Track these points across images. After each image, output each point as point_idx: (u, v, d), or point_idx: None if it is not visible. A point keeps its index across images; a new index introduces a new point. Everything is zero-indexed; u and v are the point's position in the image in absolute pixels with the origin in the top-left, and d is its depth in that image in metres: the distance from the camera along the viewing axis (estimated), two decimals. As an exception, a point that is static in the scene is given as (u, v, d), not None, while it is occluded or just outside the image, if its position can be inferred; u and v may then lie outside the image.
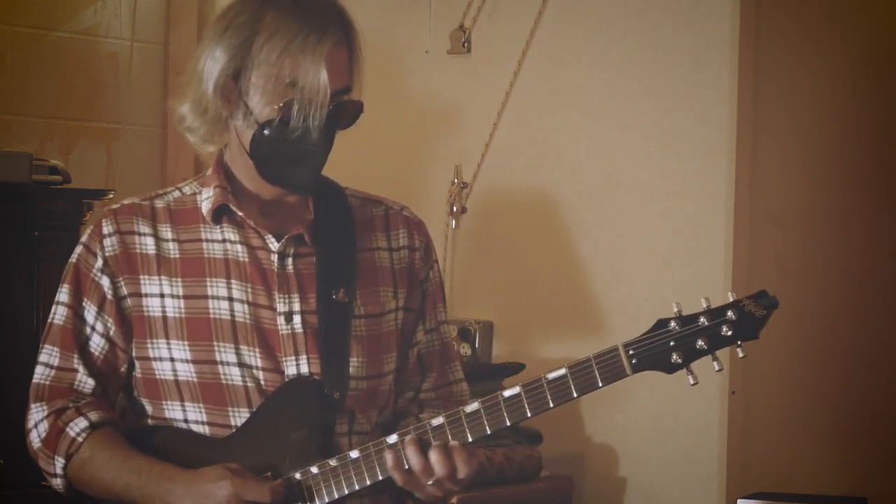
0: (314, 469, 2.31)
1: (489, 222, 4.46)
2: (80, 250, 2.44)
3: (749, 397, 4.15)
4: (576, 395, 2.24)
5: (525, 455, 4.08)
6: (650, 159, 4.18)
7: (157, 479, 2.32)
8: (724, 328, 2.20)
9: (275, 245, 2.39)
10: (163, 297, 2.39)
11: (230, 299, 2.37)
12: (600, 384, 2.23)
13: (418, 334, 2.50)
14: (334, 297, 2.39)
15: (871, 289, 4.12)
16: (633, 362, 2.22)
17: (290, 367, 2.36)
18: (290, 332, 2.37)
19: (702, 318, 2.21)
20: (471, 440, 2.27)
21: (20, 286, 3.79)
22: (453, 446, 2.26)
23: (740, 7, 4.07)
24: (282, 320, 2.37)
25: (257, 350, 2.36)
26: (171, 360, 2.37)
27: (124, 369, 2.43)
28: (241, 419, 2.35)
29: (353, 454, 2.31)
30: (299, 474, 2.32)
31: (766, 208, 4.18)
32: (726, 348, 2.22)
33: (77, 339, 2.41)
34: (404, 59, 4.55)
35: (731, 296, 2.22)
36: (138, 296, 2.40)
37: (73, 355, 2.41)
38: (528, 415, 2.25)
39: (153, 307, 2.39)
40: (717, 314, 2.21)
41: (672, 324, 2.22)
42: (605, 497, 4.24)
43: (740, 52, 4.07)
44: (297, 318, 2.37)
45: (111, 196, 3.94)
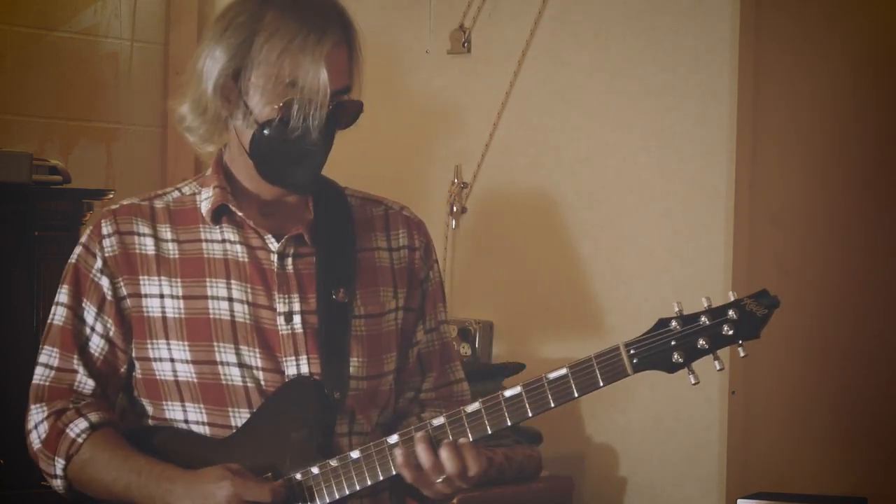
0: (315, 469, 2.31)
1: (489, 222, 4.46)
2: (80, 251, 2.43)
3: (749, 397, 4.15)
4: (577, 394, 2.24)
5: (525, 455, 4.07)
6: (650, 159, 4.18)
7: (158, 479, 2.32)
8: (726, 327, 2.20)
9: (274, 245, 2.39)
10: (162, 297, 2.39)
11: (230, 299, 2.37)
12: (601, 384, 2.23)
13: (418, 334, 2.50)
14: (334, 297, 2.39)
15: (871, 289, 4.12)
16: (635, 362, 2.22)
17: (290, 368, 2.36)
18: (290, 332, 2.37)
19: (703, 318, 2.21)
20: (472, 440, 2.27)
21: (20, 286, 3.78)
22: (463, 443, 2.26)
23: (740, 7, 4.07)
24: (282, 320, 2.37)
25: (257, 350, 2.35)
26: (171, 360, 2.37)
27: (124, 370, 2.43)
28: (241, 419, 2.35)
29: (354, 454, 2.30)
30: (300, 475, 2.31)
31: (766, 208, 4.18)
32: (726, 348, 2.22)
33: (77, 340, 2.41)
34: (404, 59, 4.55)
35: (732, 295, 2.22)
36: (138, 296, 2.39)
37: (73, 356, 2.41)
38: (530, 415, 2.25)
39: (153, 308, 2.39)
40: (718, 313, 2.20)
41: (673, 323, 2.21)
42: (605, 497, 4.23)
43: (740, 52, 4.07)
44: (297, 318, 2.37)
45: (111, 196, 3.93)
